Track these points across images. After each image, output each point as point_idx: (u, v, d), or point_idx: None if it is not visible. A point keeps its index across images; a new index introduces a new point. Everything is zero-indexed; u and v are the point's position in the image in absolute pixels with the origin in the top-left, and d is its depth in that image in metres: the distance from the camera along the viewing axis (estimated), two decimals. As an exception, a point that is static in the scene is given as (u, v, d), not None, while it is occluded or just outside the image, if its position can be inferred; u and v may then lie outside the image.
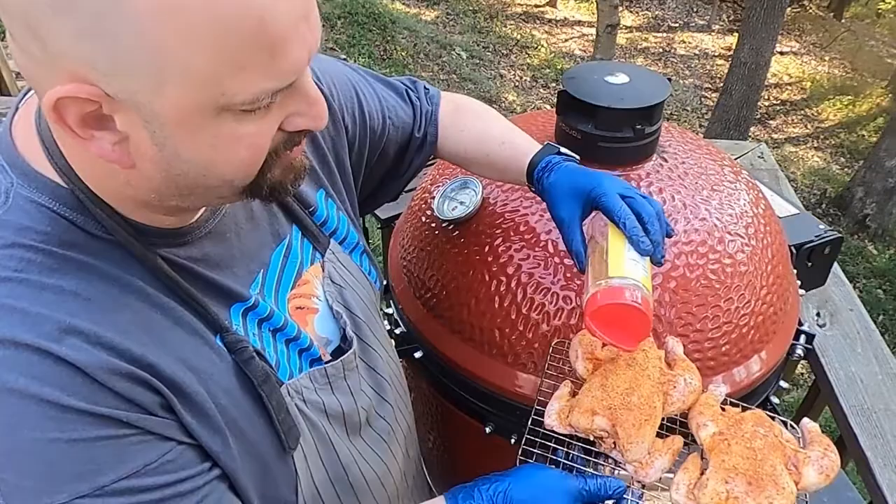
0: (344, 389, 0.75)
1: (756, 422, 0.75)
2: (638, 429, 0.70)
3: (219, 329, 0.61)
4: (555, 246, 0.97)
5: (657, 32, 10.53)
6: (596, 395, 0.73)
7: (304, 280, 0.75)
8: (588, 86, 1.03)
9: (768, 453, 0.70)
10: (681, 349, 0.86)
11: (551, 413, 0.75)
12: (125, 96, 0.45)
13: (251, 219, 0.69)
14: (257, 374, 0.62)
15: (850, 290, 1.67)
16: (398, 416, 0.86)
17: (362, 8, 8.04)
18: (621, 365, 0.77)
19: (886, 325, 5.35)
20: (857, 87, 9.74)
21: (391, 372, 0.85)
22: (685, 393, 0.77)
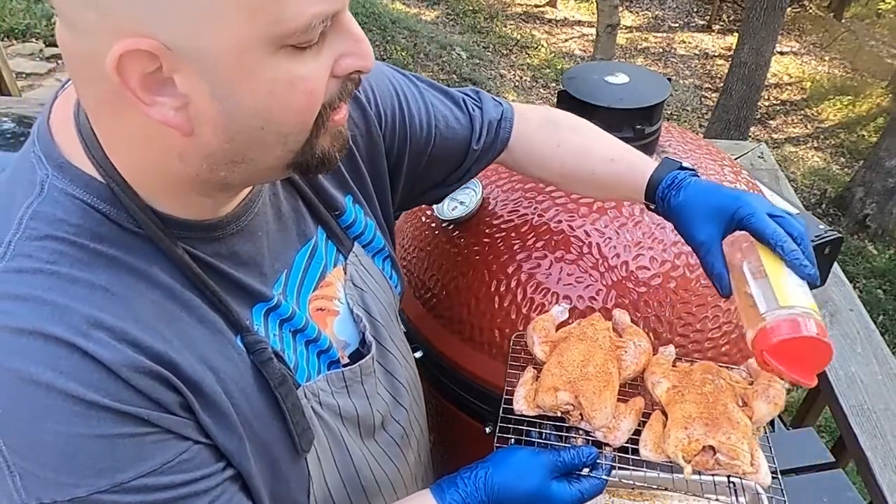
0: (360, 393, 0.75)
1: (705, 370, 0.80)
2: (598, 395, 0.75)
3: (240, 329, 0.61)
4: (555, 246, 0.97)
5: (657, 32, 10.53)
6: (555, 372, 0.78)
7: (328, 282, 0.75)
8: (588, 86, 1.03)
9: (718, 395, 0.75)
10: (627, 318, 0.89)
11: (519, 398, 0.79)
12: (185, 43, 0.45)
13: (279, 219, 0.69)
14: (275, 375, 0.62)
15: (850, 290, 1.67)
16: (413, 420, 0.86)
17: (362, 8, 8.04)
18: (573, 341, 0.81)
19: (886, 325, 5.35)
20: (857, 87, 9.74)
21: (408, 377, 0.85)
22: (636, 355, 0.82)
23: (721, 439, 0.70)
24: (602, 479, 0.73)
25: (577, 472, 0.73)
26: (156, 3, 0.44)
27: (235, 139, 0.52)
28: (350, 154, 0.78)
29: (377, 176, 0.83)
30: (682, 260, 0.95)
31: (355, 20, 0.53)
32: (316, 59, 0.51)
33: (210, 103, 0.49)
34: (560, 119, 0.92)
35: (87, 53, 0.47)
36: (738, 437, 0.71)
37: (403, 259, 1.16)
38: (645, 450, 0.74)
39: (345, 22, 0.52)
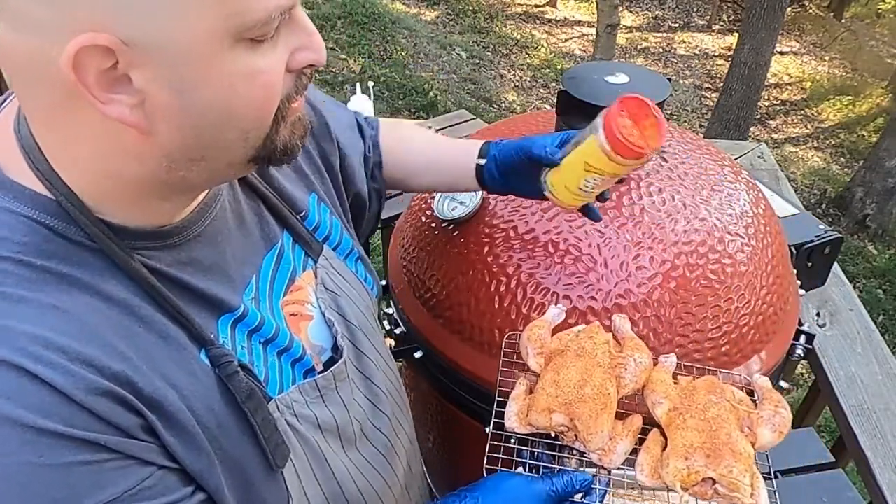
0: (336, 401, 0.72)
1: (708, 389, 0.76)
2: (595, 419, 0.72)
3: (203, 343, 0.58)
4: (555, 246, 0.97)
5: (657, 32, 10.52)
6: (550, 392, 0.75)
7: (298, 286, 0.73)
8: (588, 86, 1.03)
9: (722, 422, 0.72)
10: (628, 326, 0.87)
11: (510, 415, 0.76)
12: (145, 38, 0.45)
13: (241, 224, 0.68)
14: (241, 389, 0.59)
15: (850, 290, 1.67)
16: (397, 428, 0.84)
17: (362, 8, 8.03)
18: (571, 356, 0.78)
19: (886, 325, 5.35)
20: (857, 87, 9.74)
21: (388, 383, 0.83)
22: (636, 373, 0.78)
23: (723, 472, 0.68)
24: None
25: (570, 500, 0.71)
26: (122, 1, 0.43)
27: (195, 136, 0.51)
28: (308, 153, 0.78)
29: (335, 177, 0.83)
30: (682, 260, 0.95)
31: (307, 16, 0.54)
32: (273, 52, 0.51)
33: (169, 99, 0.48)
34: (401, 122, 0.98)
35: (36, 52, 0.45)
36: (741, 469, 0.68)
37: (403, 259, 1.16)
38: (641, 475, 0.72)
39: (298, 16, 0.53)
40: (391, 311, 1.20)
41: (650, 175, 1.04)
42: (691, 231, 0.98)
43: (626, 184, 1.01)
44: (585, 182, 0.77)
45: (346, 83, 6.56)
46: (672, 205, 1.00)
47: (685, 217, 0.99)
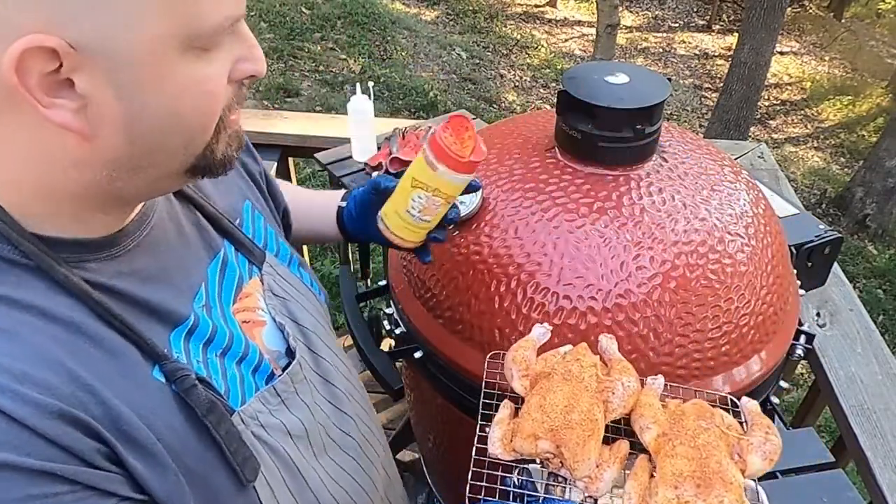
0: (299, 404, 0.70)
1: (698, 414, 0.75)
2: (582, 447, 0.70)
3: (157, 358, 0.55)
4: (555, 246, 0.97)
5: (657, 32, 10.53)
6: (536, 417, 0.72)
7: (246, 293, 0.71)
8: (588, 86, 1.03)
9: (713, 449, 0.70)
10: (615, 347, 0.85)
11: (494, 441, 0.73)
12: (95, 42, 0.44)
13: (181, 234, 0.65)
14: (201, 403, 0.56)
15: (850, 290, 1.67)
16: (365, 432, 0.82)
17: (362, 8, 8.03)
18: (557, 379, 0.76)
19: (886, 325, 5.35)
20: (857, 87, 9.75)
21: (348, 385, 0.81)
22: (624, 397, 0.76)
23: (713, 502, 0.66)
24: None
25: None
26: (78, 2, 0.43)
27: (138, 143, 0.50)
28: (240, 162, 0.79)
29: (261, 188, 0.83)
30: (682, 260, 0.95)
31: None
32: (217, 62, 0.51)
33: (114, 105, 0.47)
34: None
35: None
36: (731, 499, 0.66)
37: (403, 259, 1.16)
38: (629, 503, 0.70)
39: (242, 28, 0.53)
40: (391, 311, 1.20)
41: (650, 175, 1.04)
42: (691, 231, 0.98)
43: (627, 184, 1.02)
44: (412, 201, 0.82)
45: (346, 83, 6.56)
46: (672, 205, 1.00)
47: (685, 217, 0.99)
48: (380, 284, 1.28)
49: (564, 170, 1.04)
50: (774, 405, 1.10)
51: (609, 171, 1.03)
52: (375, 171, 1.72)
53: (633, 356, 0.92)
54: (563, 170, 1.04)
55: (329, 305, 0.87)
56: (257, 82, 6.27)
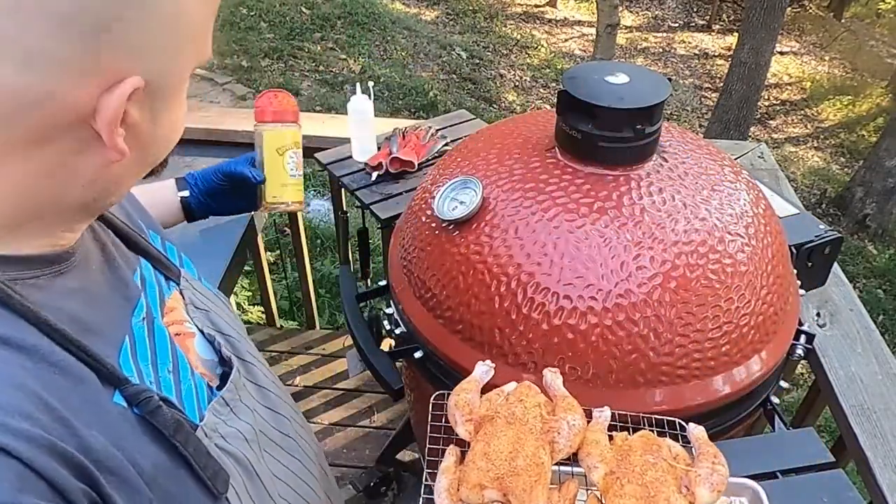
0: (244, 410, 0.70)
1: (644, 448, 0.74)
2: (529, 493, 0.69)
3: (117, 382, 0.53)
4: (555, 246, 0.97)
5: (657, 32, 10.53)
6: (481, 465, 0.71)
7: (170, 307, 0.70)
8: (588, 86, 1.03)
9: (660, 485, 0.70)
10: (560, 382, 0.84)
11: (440, 491, 0.72)
12: (156, 76, 0.48)
13: (105, 251, 0.64)
14: (168, 424, 0.55)
15: (850, 290, 1.67)
16: (297, 430, 0.82)
17: (362, 8, 8.04)
18: (501, 424, 0.75)
19: (886, 325, 5.35)
20: (857, 87, 9.75)
21: (275, 387, 0.81)
22: (570, 437, 0.76)
23: None
24: None
25: None
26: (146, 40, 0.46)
27: (144, 156, 0.54)
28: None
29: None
30: (682, 260, 0.95)
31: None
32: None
33: (146, 128, 0.50)
34: None
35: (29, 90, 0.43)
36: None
37: (403, 259, 1.16)
38: None
39: None
40: (391, 311, 1.20)
41: (650, 175, 1.04)
42: (691, 231, 0.98)
43: (627, 184, 1.02)
44: (288, 165, 1.05)
45: (346, 83, 6.57)
46: (672, 205, 1.00)
47: (685, 217, 0.99)
48: (380, 284, 1.28)
49: (564, 170, 1.04)
50: (774, 405, 1.10)
51: (609, 171, 1.03)
52: (375, 170, 1.72)
53: (633, 356, 0.92)
54: (563, 170, 1.04)
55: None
56: (257, 82, 6.28)
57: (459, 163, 1.16)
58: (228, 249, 1.67)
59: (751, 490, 0.84)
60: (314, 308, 2.60)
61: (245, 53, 6.77)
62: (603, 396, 0.93)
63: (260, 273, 2.38)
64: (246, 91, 6.10)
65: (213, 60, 6.55)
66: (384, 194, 1.67)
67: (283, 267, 3.45)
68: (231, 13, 7.35)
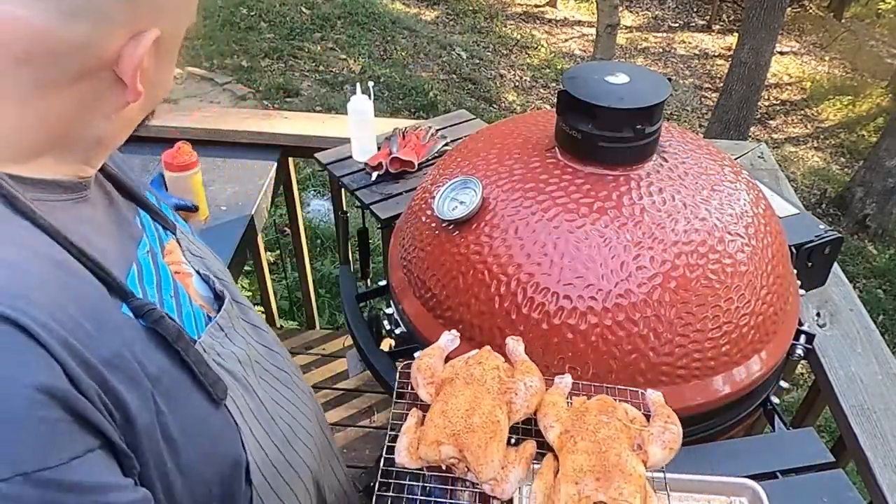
0: (237, 338, 0.77)
1: (600, 409, 0.76)
2: (484, 449, 0.70)
3: (124, 296, 0.60)
4: (555, 246, 0.97)
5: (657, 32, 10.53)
6: (438, 423, 0.73)
7: (169, 249, 0.77)
8: (588, 86, 1.03)
9: (612, 442, 0.72)
10: (521, 348, 0.85)
11: (400, 450, 0.75)
12: (170, 30, 0.57)
13: (107, 194, 0.71)
14: (171, 331, 0.61)
15: (850, 290, 1.67)
16: (291, 367, 0.88)
17: (362, 8, 8.03)
18: (459, 384, 0.77)
19: (886, 325, 5.35)
20: (857, 87, 9.75)
21: (270, 330, 0.88)
22: (527, 397, 0.77)
23: (613, 495, 0.67)
24: None
25: None
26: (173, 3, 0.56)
27: (146, 102, 0.61)
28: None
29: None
30: (682, 260, 0.95)
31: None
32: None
33: (152, 77, 0.58)
34: None
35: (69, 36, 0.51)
36: (631, 490, 0.67)
37: (403, 259, 1.16)
38: (534, 503, 0.71)
39: None
40: (391, 311, 1.20)
41: (650, 175, 1.04)
42: (691, 231, 0.98)
43: (627, 184, 1.02)
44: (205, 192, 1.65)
45: (346, 83, 6.57)
46: (672, 205, 1.00)
47: (685, 217, 0.99)
48: (380, 284, 1.28)
49: (564, 170, 1.04)
50: (774, 405, 1.10)
51: (609, 171, 1.03)
52: (375, 170, 1.72)
53: (633, 356, 0.92)
54: (563, 170, 1.04)
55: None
56: (257, 82, 6.28)
57: (459, 163, 1.16)
58: (228, 249, 1.67)
59: (751, 490, 0.84)
60: (314, 308, 2.60)
61: (245, 53, 6.76)
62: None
63: (260, 273, 2.38)
64: (246, 91, 6.10)
65: (214, 60, 6.55)
66: (384, 194, 1.67)
67: (283, 267, 3.45)
68: (231, 13, 7.34)
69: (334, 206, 2.25)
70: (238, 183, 1.94)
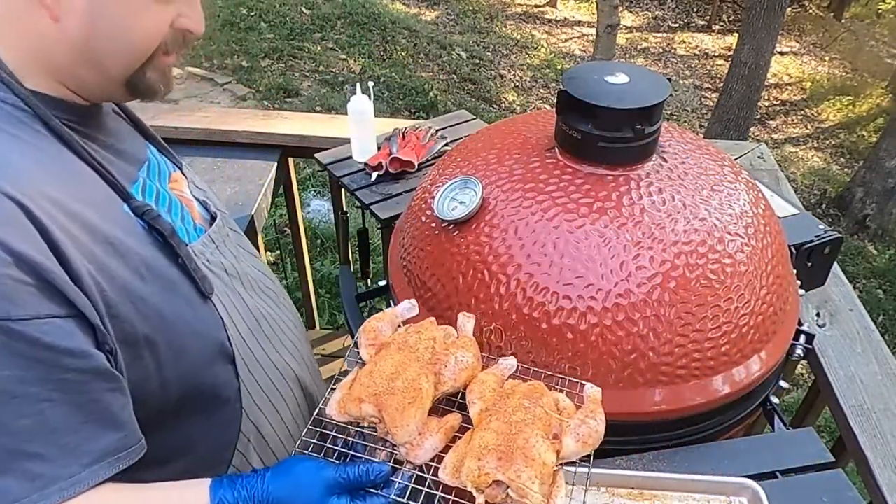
0: (228, 253, 0.86)
1: (525, 394, 0.77)
2: (402, 412, 0.72)
3: (126, 197, 0.70)
4: (555, 246, 0.97)
5: (657, 32, 10.53)
6: (364, 382, 0.75)
7: (174, 179, 0.86)
8: (588, 86, 1.03)
9: (524, 426, 0.72)
10: (470, 326, 0.87)
11: (332, 402, 0.77)
12: None
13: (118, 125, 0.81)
14: (166, 228, 0.71)
15: (850, 290, 1.67)
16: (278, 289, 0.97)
17: (362, 8, 8.03)
18: (393, 349, 0.79)
19: (886, 325, 5.35)
20: (857, 87, 9.75)
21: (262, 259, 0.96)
22: (456, 371, 0.79)
23: (511, 476, 0.68)
24: (387, 498, 0.70)
25: (364, 489, 0.71)
26: None
27: (94, 38, 0.64)
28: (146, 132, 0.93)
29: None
30: (682, 260, 0.95)
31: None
32: (169, 9, 0.68)
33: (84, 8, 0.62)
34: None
35: None
36: (530, 475, 0.68)
37: (403, 259, 1.16)
38: (443, 473, 0.72)
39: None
40: (391, 311, 1.20)
41: (650, 175, 1.04)
42: (691, 231, 0.98)
43: (627, 184, 1.02)
44: None
45: (346, 83, 6.57)
46: (672, 205, 1.00)
47: (685, 217, 0.99)
48: (380, 284, 1.28)
49: (564, 170, 1.04)
50: (774, 405, 1.10)
51: (609, 171, 1.03)
52: (375, 171, 1.72)
53: (632, 356, 0.92)
54: (563, 170, 1.04)
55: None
56: (257, 82, 6.28)
57: (459, 163, 1.16)
58: (228, 249, 1.67)
59: (751, 490, 0.84)
60: (314, 308, 2.60)
61: (245, 53, 6.76)
62: (602, 396, 0.93)
63: (260, 273, 2.38)
64: (246, 91, 6.10)
65: (214, 60, 6.55)
66: (384, 194, 1.67)
67: (283, 267, 3.45)
68: (231, 13, 7.35)
69: (334, 206, 2.25)
70: (238, 183, 1.94)
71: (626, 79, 1.05)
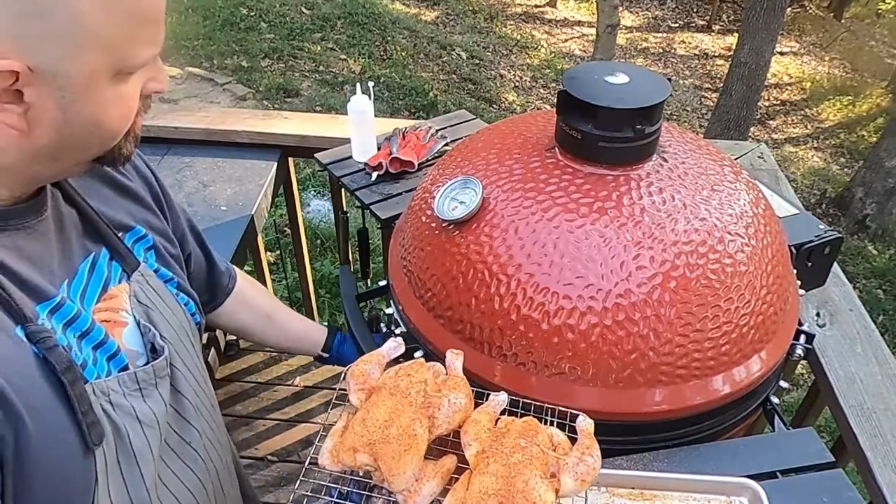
0: (156, 399, 0.74)
1: (521, 433, 0.76)
2: (398, 461, 0.71)
3: (21, 319, 0.62)
4: (555, 246, 0.97)
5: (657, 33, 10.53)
6: (357, 431, 0.74)
7: (111, 295, 0.77)
8: (588, 86, 1.03)
9: (523, 468, 0.72)
10: (459, 363, 0.86)
11: (324, 452, 0.76)
12: (46, 67, 0.56)
13: (62, 232, 0.73)
14: (61, 361, 0.62)
15: (850, 290, 1.67)
16: (208, 448, 0.85)
17: (362, 8, 8.04)
18: (385, 394, 0.78)
19: (886, 325, 5.35)
20: (857, 87, 9.75)
21: (199, 401, 0.84)
22: (450, 414, 0.78)
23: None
24: None
25: None
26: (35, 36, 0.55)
27: (65, 140, 0.62)
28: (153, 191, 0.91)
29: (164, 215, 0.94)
30: (682, 260, 0.95)
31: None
32: (134, 81, 0.65)
33: (53, 111, 0.59)
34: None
35: None
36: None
37: (403, 259, 1.16)
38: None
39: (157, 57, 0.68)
40: (391, 311, 1.20)
41: (650, 175, 1.04)
42: (691, 231, 0.98)
43: (627, 184, 1.02)
44: None
45: (346, 83, 6.57)
46: (672, 205, 1.00)
47: (685, 217, 0.99)
48: (380, 284, 1.28)
49: (564, 170, 1.04)
50: (774, 405, 1.10)
51: (609, 171, 1.03)
52: (375, 171, 1.72)
53: (633, 356, 0.92)
54: (563, 170, 1.04)
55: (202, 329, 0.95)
56: (257, 82, 6.28)
57: (459, 163, 1.16)
58: (228, 250, 1.67)
59: (751, 490, 0.84)
60: (314, 308, 2.60)
61: (245, 53, 6.76)
62: (603, 396, 0.93)
63: (260, 273, 2.38)
64: (246, 91, 6.10)
65: (214, 60, 6.56)
66: (384, 194, 1.67)
67: (283, 267, 3.45)
68: (231, 13, 7.35)
69: (334, 206, 2.26)
70: (238, 183, 1.94)
71: (627, 79, 1.05)
